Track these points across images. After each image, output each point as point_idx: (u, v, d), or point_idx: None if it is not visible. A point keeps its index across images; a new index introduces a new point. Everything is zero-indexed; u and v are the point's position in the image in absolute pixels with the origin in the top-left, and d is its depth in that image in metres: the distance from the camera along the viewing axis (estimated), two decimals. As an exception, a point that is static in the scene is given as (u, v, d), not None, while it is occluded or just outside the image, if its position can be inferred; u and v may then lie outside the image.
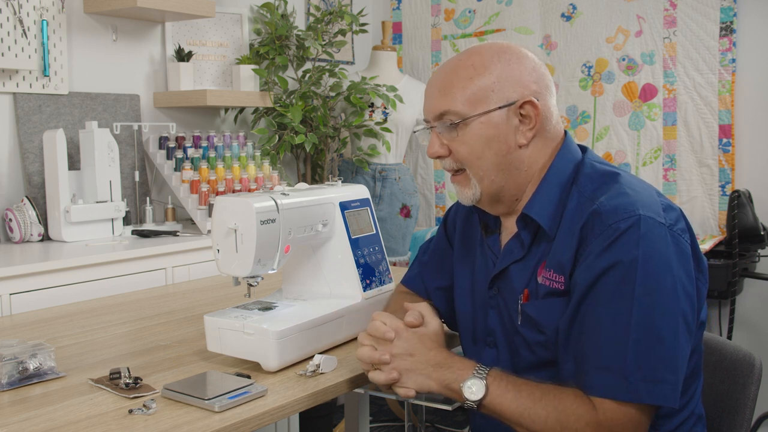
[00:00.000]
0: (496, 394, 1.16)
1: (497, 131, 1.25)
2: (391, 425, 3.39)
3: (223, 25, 3.24)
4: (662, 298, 1.11)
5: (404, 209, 3.57)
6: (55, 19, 2.61)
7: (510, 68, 1.26)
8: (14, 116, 2.54)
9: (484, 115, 1.25)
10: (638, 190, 1.20)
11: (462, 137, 1.27)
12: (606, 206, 1.16)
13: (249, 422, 1.10)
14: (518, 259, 1.28)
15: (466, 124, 1.26)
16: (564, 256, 1.20)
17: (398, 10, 4.06)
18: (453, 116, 1.26)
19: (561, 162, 1.29)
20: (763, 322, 3.17)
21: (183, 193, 2.72)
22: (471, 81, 1.25)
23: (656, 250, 1.12)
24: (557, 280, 1.20)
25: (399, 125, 3.53)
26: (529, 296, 1.25)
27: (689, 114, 3.25)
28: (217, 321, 1.33)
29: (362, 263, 1.50)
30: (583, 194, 1.22)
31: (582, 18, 3.49)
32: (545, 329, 1.22)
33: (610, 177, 1.23)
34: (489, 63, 1.26)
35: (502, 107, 1.25)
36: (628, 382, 1.09)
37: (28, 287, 2.04)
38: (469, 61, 1.27)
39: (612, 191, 1.19)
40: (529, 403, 1.14)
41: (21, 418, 1.10)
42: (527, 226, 1.27)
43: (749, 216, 2.88)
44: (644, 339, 1.09)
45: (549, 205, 1.25)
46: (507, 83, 1.25)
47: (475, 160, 1.27)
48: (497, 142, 1.26)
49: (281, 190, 1.43)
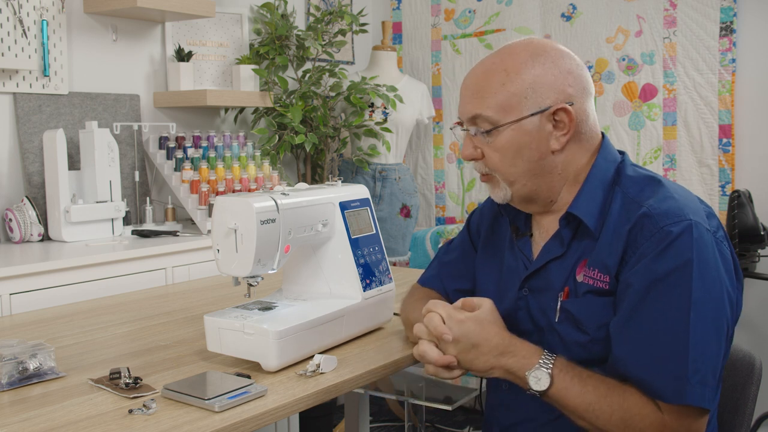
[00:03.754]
0: (561, 386, 1.15)
1: (530, 138, 1.24)
2: (391, 425, 3.39)
3: (223, 25, 3.24)
4: (713, 304, 1.12)
5: (404, 209, 3.57)
6: (55, 19, 2.61)
7: (544, 72, 1.23)
8: (14, 116, 2.54)
9: (515, 122, 1.23)
10: (684, 196, 1.20)
11: (494, 144, 1.25)
12: (656, 209, 1.16)
13: (249, 422, 1.10)
14: (557, 257, 1.27)
15: (499, 131, 1.24)
16: (610, 257, 1.19)
17: (398, 10, 4.06)
18: (484, 122, 1.25)
19: (603, 162, 1.28)
20: (763, 322, 3.17)
21: (183, 193, 2.72)
22: (503, 87, 1.23)
23: (708, 256, 1.13)
24: (601, 280, 1.20)
25: (399, 125, 3.53)
26: (569, 294, 1.25)
27: (689, 114, 3.25)
28: (217, 321, 1.33)
29: (362, 263, 1.50)
30: (628, 195, 1.22)
31: (582, 18, 3.49)
32: (587, 328, 1.21)
33: (654, 181, 1.24)
34: (522, 67, 1.23)
35: (534, 114, 1.23)
36: (690, 384, 1.09)
37: (28, 287, 2.04)
38: (502, 65, 1.25)
39: (659, 195, 1.19)
40: (593, 398, 1.14)
41: (21, 418, 1.10)
42: (569, 224, 1.26)
43: (749, 216, 2.88)
44: (699, 343, 1.10)
45: (594, 204, 1.24)
46: (540, 89, 1.23)
47: (506, 167, 1.26)
48: (529, 149, 1.24)
49: (281, 190, 1.43)
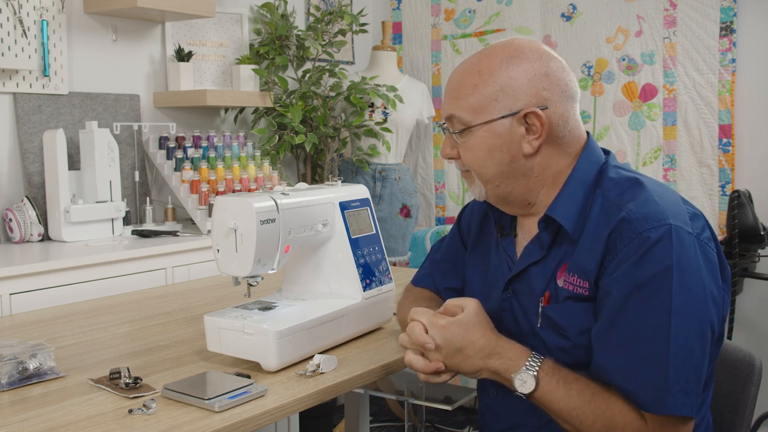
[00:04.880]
0: (546, 390, 1.15)
1: (500, 140, 1.23)
2: (391, 425, 3.39)
3: (223, 25, 3.24)
4: (695, 309, 1.10)
5: (404, 209, 3.57)
6: (55, 19, 2.61)
7: (518, 75, 1.22)
8: (14, 116, 2.54)
9: (486, 124, 1.23)
10: (665, 198, 1.18)
11: (466, 144, 1.26)
12: (635, 214, 1.14)
13: (249, 422, 1.10)
14: (537, 261, 1.26)
15: (471, 132, 1.25)
16: (589, 262, 1.18)
17: (398, 10, 4.06)
18: (458, 123, 1.26)
19: (584, 165, 1.26)
20: (763, 322, 3.17)
21: (183, 193, 2.72)
22: (475, 89, 1.24)
23: (689, 261, 1.11)
24: (581, 285, 1.19)
25: (399, 125, 3.53)
26: (549, 299, 1.24)
27: (689, 114, 3.25)
28: (217, 321, 1.33)
29: (362, 263, 1.50)
30: (608, 198, 1.21)
31: (582, 18, 3.49)
32: (568, 333, 1.20)
33: (635, 183, 1.21)
34: (496, 69, 1.23)
35: (505, 116, 1.22)
36: (671, 394, 1.08)
37: (28, 287, 2.04)
38: (478, 65, 1.25)
39: (639, 198, 1.17)
40: (578, 402, 1.13)
41: (21, 418, 1.10)
42: (548, 227, 1.25)
43: (749, 216, 2.88)
44: (680, 351, 1.09)
45: (573, 207, 1.23)
46: (511, 91, 1.22)
47: (478, 168, 1.27)
48: (500, 152, 1.24)
49: (281, 190, 1.43)
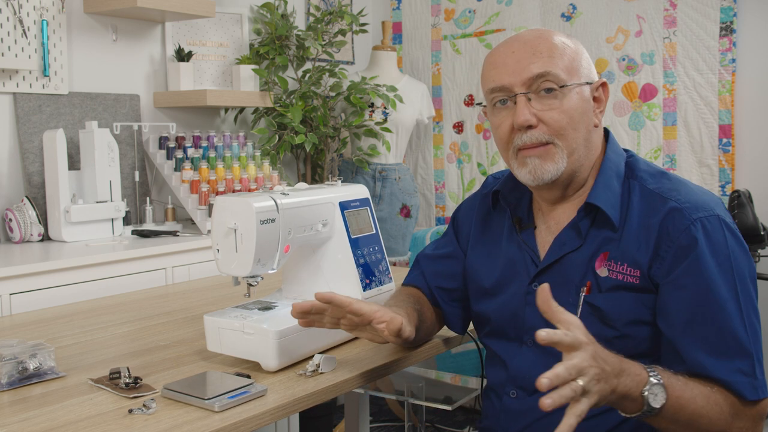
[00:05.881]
0: (674, 395, 1.06)
1: (588, 105, 1.24)
2: (391, 425, 3.39)
3: (223, 25, 3.24)
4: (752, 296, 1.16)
5: (404, 209, 3.57)
6: (55, 19, 2.61)
7: (583, 50, 1.27)
8: (14, 116, 2.54)
9: (579, 86, 1.23)
10: (702, 190, 1.22)
11: (560, 105, 1.21)
12: (684, 203, 1.17)
13: (249, 422, 1.10)
14: (574, 249, 1.24)
15: (566, 91, 1.21)
16: (639, 251, 1.17)
17: (398, 10, 4.06)
18: (553, 80, 1.20)
19: (613, 155, 1.28)
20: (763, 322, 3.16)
21: (183, 193, 2.72)
22: (567, 48, 1.23)
23: (740, 248, 1.16)
24: (631, 274, 1.18)
25: (399, 125, 3.53)
26: (591, 288, 1.21)
27: (689, 114, 3.25)
28: (217, 321, 1.33)
29: (362, 263, 1.50)
30: (647, 188, 1.22)
31: (582, 18, 3.49)
32: (615, 323, 1.18)
33: (667, 175, 1.24)
34: (570, 39, 1.26)
35: (589, 83, 1.25)
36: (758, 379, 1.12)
37: (28, 287, 2.04)
38: (552, 34, 1.25)
39: (681, 189, 1.20)
40: (702, 402, 1.09)
41: (21, 418, 1.10)
42: (588, 215, 1.24)
43: (749, 216, 2.88)
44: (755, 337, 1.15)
45: (612, 195, 1.23)
46: (586, 62, 1.26)
47: (572, 130, 1.22)
48: (587, 117, 1.24)
49: (281, 190, 1.43)
